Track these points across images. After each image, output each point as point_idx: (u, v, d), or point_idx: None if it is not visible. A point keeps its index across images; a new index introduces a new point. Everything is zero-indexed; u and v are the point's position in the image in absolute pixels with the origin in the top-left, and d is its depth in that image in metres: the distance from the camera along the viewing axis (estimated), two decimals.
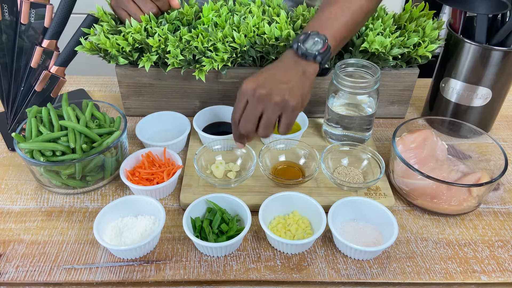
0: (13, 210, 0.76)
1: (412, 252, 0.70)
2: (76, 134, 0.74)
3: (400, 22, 0.90)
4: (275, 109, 0.68)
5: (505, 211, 0.78)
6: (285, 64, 0.72)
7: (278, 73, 0.71)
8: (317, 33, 0.72)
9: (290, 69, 0.71)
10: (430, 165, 0.79)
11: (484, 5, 0.79)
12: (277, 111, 0.68)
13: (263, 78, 0.69)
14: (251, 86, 0.68)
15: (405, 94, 0.94)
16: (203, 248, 0.68)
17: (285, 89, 0.68)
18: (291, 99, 0.68)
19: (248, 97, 0.69)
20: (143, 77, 0.90)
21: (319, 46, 0.71)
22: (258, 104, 0.68)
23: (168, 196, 0.79)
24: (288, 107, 0.68)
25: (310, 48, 0.71)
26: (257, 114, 0.68)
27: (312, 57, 0.71)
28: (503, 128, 0.97)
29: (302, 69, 0.71)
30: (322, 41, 0.71)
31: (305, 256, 0.69)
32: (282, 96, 0.67)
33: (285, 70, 0.71)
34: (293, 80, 0.70)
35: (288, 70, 0.71)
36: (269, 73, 0.71)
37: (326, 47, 0.72)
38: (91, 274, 0.66)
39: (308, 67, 0.72)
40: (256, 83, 0.69)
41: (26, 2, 0.80)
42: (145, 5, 0.84)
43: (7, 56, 0.84)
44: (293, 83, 0.69)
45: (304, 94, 0.71)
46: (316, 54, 0.71)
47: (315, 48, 0.71)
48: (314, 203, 0.71)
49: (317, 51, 0.71)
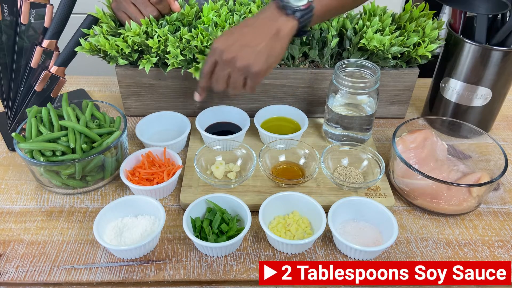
0: (13, 210, 0.76)
1: (412, 252, 0.70)
2: (76, 134, 0.74)
3: (400, 22, 0.90)
4: (239, 73, 0.72)
5: (505, 211, 0.78)
6: (261, 19, 0.73)
7: (249, 33, 0.72)
8: None
9: (263, 27, 0.72)
10: (430, 165, 0.79)
11: (484, 5, 0.79)
12: (241, 75, 0.72)
13: (232, 39, 0.72)
14: (220, 46, 0.72)
15: (405, 94, 0.94)
16: (203, 248, 0.68)
17: (250, 53, 0.70)
18: (254, 64, 0.70)
19: (216, 57, 0.72)
20: (143, 77, 0.90)
21: (302, 2, 0.71)
22: (225, 67, 0.72)
23: (168, 196, 0.79)
24: (251, 72, 0.71)
25: (292, 2, 0.71)
26: (225, 75, 0.73)
27: (292, 11, 0.71)
28: (503, 128, 0.97)
29: (277, 28, 0.71)
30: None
31: (305, 256, 0.69)
32: (246, 61, 0.70)
33: (257, 29, 0.72)
34: (262, 43, 0.70)
35: (261, 29, 0.72)
36: (241, 31, 0.72)
37: (309, 5, 0.71)
38: (91, 274, 0.66)
39: (284, 24, 0.71)
40: (225, 44, 0.71)
41: (26, 2, 0.80)
42: (146, 8, 0.84)
43: (7, 56, 0.84)
44: (260, 47, 0.70)
45: (272, 57, 0.72)
46: (295, 9, 0.71)
47: (296, 3, 0.71)
48: (314, 203, 0.71)
49: (297, 7, 0.71)
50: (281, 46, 0.72)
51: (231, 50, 0.71)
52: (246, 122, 0.88)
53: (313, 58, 0.90)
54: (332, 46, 0.87)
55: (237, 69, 0.71)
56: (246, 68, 0.71)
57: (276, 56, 0.72)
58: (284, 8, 0.71)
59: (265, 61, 0.71)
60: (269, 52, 0.71)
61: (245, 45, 0.71)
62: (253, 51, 0.70)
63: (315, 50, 0.89)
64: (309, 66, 0.91)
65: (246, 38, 0.71)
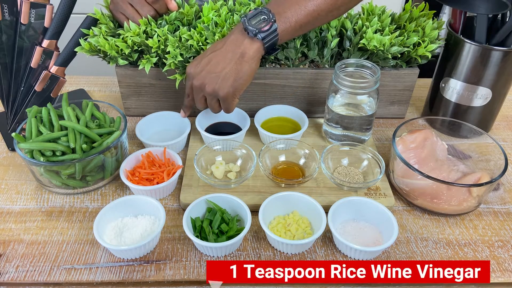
0: (13, 210, 0.76)
1: (412, 252, 0.70)
2: (76, 134, 0.74)
3: (400, 22, 0.90)
4: (210, 97, 0.77)
5: (505, 211, 0.78)
6: (228, 44, 0.75)
7: (215, 58, 0.75)
8: (267, 11, 0.72)
9: (229, 52, 0.74)
10: (430, 165, 0.79)
11: (484, 5, 0.79)
12: (213, 98, 0.77)
13: (200, 66, 0.76)
14: (191, 73, 0.77)
15: (405, 94, 0.94)
16: (203, 248, 0.68)
17: (215, 79, 0.74)
18: (220, 89, 0.75)
19: (190, 82, 0.78)
20: (143, 77, 0.90)
21: (263, 24, 0.71)
22: (198, 92, 0.78)
23: (168, 196, 0.79)
24: (219, 96, 0.76)
25: (254, 25, 0.71)
26: (201, 98, 0.79)
27: (253, 34, 0.72)
28: (503, 128, 0.97)
29: (241, 51, 0.73)
30: (268, 20, 0.71)
31: (305, 256, 0.69)
32: (213, 86, 0.75)
33: (223, 54, 0.74)
34: (226, 68, 0.74)
35: (226, 54, 0.74)
36: (208, 58, 0.76)
37: (270, 26, 0.71)
38: (91, 274, 0.66)
39: (249, 47, 0.73)
40: (195, 70, 0.76)
41: (26, 2, 0.80)
42: (143, 8, 0.85)
43: (7, 56, 0.84)
44: (225, 72, 0.74)
45: (240, 79, 0.74)
46: (257, 32, 0.71)
47: (259, 25, 0.71)
48: (314, 203, 0.71)
49: (258, 29, 0.71)
50: (249, 67, 0.74)
51: (199, 77, 0.76)
52: (246, 122, 0.88)
53: (313, 58, 0.90)
54: (332, 46, 0.87)
55: (207, 94, 0.76)
56: (214, 93, 0.76)
57: (244, 77, 0.75)
58: (247, 31, 0.72)
59: (230, 85, 0.74)
60: (235, 75, 0.74)
61: (211, 71, 0.75)
62: (218, 77, 0.74)
63: (315, 51, 0.89)
64: (309, 66, 0.91)
65: (212, 65, 0.75)
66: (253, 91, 0.92)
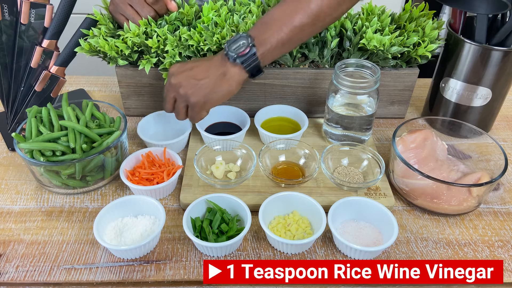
0: (13, 210, 0.76)
1: (412, 252, 0.70)
2: (76, 134, 0.74)
3: (400, 22, 0.90)
4: (180, 100, 0.77)
5: (505, 211, 0.78)
6: (213, 61, 0.76)
7: (200, 67, 0.76)
8: (246, 36, 0.72)
9: (212, 67, 0.75)
10: (430, 165, 0.79)
11: (484, 5, 0.79)
12: (182, 102, 0.77)
13: (184, 68, 0.76)
14: (173, 72, 0.77)
15: (405, 94, 0.94)
16: (203, 248, 0.68)
17: (192, 84, 0.74)
18: (192, 96, 0.75)
19: (168, 80, 0.78)
20: (143, 77, 0.90)
21: (242, 48, 0.72)
22: (171, 90, 0.77)
23: (168, 196, 0.79)
24: (189, 101, 0.76)
25: (233, 50, 0.72)
26: (172, 99, 0.78)
27: (233, 59, 0.73)
28: (503, 128, 0.97)
29: (224, 71, 0.74)
30: (247, 44, 0.72)
31: (305, 256, 0.69)
32: (186, 91, 0.75)
33: (207, 66, 0.75)
34: (206, 79, 0.74)
35: (210, 68, 0.75)
36: (194, 64, 0.77)
37: (248, 51, 0.72)
38: (91, 274, 0.66)
39: (231, 69, 0.74)
40: (177, 70, 0.76)
41: (26, 2, 0.80)
42: (143, 9, 0.85)
43: (7, 56, 0.84)
44: (203, 82, 0.74)
45: (215, 94, 0.75)
46: (236, 56, 0.72)
47: (238, 50, 0.72)
48: (314, 203, 0.71)
49: (237, 54, 0.72)
50: (228, 86, 0.75)
51: (178, 77, 0.76)
52: (246, 122, 0.88)
53: (313, 58, 0.90)
54: (332, 46, 0.87)
55: (179, 95, 0.76)
56: (186, 96, 0.75)
57: (220, 94, 0.75)
58: (227, 56, 0.73)
59: (204, 95, 0.75)
60: (212, 88, 0.74)
61: (191, 76, 0.75)
62: (196, 84, 0.74)
63: (315, 52, 0.89)
64: (309, 66, 0.91)
65: (194, 71, 0.75)
66: (253, 91, 0.92)
